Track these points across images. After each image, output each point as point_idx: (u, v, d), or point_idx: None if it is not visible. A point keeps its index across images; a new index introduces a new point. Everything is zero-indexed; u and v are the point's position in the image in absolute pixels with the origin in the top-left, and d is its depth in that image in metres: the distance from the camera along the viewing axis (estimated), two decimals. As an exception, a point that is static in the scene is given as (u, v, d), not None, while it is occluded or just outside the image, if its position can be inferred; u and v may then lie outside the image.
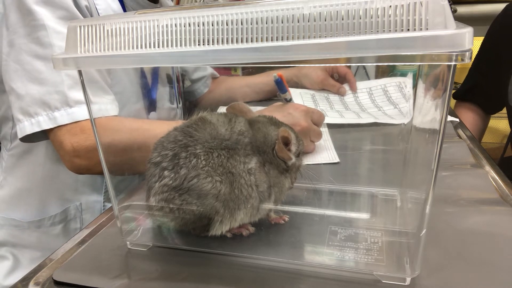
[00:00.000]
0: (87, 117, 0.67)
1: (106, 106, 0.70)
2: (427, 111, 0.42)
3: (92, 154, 0.67)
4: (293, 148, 0.48)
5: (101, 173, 0.74)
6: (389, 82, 0.90)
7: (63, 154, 0.69)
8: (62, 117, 0.67)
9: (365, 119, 0.81)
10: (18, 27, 0.68)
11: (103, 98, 0.71)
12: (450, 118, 0.88)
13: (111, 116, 0.70)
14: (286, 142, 0.48)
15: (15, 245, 0.83)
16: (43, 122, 0.67)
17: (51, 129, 0.68)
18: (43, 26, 0.67)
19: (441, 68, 0.36)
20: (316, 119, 0.73)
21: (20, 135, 0.69)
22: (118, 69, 0.78)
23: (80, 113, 0.67)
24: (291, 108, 0.73)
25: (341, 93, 0.95)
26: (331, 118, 0.84)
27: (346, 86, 0.96)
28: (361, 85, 0.95)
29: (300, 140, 0.51)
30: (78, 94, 0.68)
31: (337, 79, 0.98)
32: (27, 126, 0.68)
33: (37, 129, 0.67)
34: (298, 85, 0.98)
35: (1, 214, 0.83)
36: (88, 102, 0.46)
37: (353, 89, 0.95)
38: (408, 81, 0.84)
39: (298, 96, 0.93)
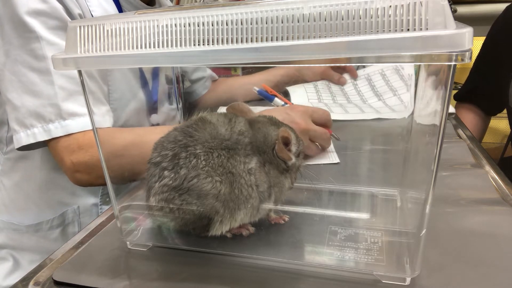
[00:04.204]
0: (81, 129, 0.68)
1: (101, 117, 0.71)
2: (427, 111, 0.42)
3: (91, 169, 0.68)
4: (293, 148, 0.48)
5: (103, 184, 0.75)
6: (386, 66, 0.91)
7: (65, 170, 0.71)
8: (57, 129, 0.68)
9: (368, 114, 0.81)
10: (12, 37, 0.68)
11: (98, 109, 0.72)
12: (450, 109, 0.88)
13: (105, 128, 0.70)
14: (286, 142, 0.48)
15: (14, 248, 0.83)
16: (38, 134, 0.68)
17: (49, 142, 0.69)
18: (37, 38, 0.67)
19: (441, 68, 0.36)
20: (318, 118, 0.70)
21: (16, 146, 0.70)
22: (117, 74, 0.78)
23: (73, 125, 0.68)
24: (289, 108, 0.72)
25: (341, 83, 0.95)
26: (335, 114, 0.84)
27: (346, 76, 0.96)
28: (360, 72, 0.96)
29: (300, 140, 0.51)
30: (72, 107, 0.69)
31: (339, 69, 0.99)
32: (23, 137, 0.69)
33: (32, 141, 0.68)
34: (299, 78, 0.98)
35: (0, 218, 0.83)
36: (88, 105, 0.46)
37: (354, 76, 0.95)
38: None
39: (303, 92, 0.94)
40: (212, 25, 0.36)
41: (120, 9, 0.82)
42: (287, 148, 0.48)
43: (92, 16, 0.75)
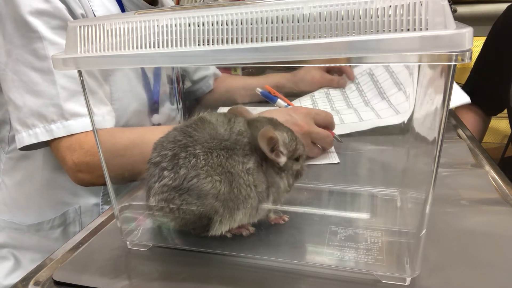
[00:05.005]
0: (83, 129, 0.69)
1: (103, 117, 0.71)
2: (427, 111, 0.42)
3: (93, 169, 0.68)
4: (283, 149, 0.47)
5: (104, 184, 0.75)
6: None
7: (66, 170, 0.71)
8: (59, 129, 0.68)
9: (366, 123, 0.79)
10: (14, 37, 0.68)
11: (100, 109, 0.72)
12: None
13: (107, 128, 0.70)
14: (272, 143, 0.46)
15: (16, 247, 0.83)
16: (40, 134, 0.68)
17: (51, 142, 0.69)
18: (39, 38, 0.67)
19: (441, 68, 0.36)
20: (320, 120, 0.70)
21: (19, 146, 0.70)
22: (118, 74, 0.78)
23: (75, 125, 0.68)
24: (291, 110, 0.72)
25: (341, 86, 0.92)
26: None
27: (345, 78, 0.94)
28: (361, 67, 0.92)
29: (299, 142, 0.50)
30: (74, 107, 0.69)
31: (337, 71, 0.96)
32: (25, 137, 0.69)
33: (34, 141, 0.69)
34: (294, 90, 0.96)
35: (1, 217, 0.84)
36: (89, 106, 0.46)
37: (351, 78, 0.92)
38: None
39: (298, 104, 0.91)
40: (212, 25, 0.36)
41: (123, 9, 0.82)
42: (274, 149, 0.47)
43: (95, 16, 0.75)
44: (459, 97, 0.83)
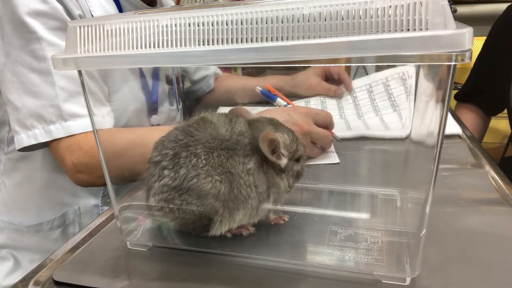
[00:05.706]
0: (82, 130, 0.69)
1: (102, 118, 0.71)
2: (427, 112, 0.42)
3: (93, 169, 0.68)
4: (284, 151, 0.47)
5: (104, 185, 0.75)
6: (391, 74, 0.85)
7: (66, 170, 0.71)
8: (58, 130, 0.68)
9: (352, 132, 0.77)
10: (12, 38, 0.68)
11: (99, 110, 0.72)
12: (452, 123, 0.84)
13: (106, 129, 0.71)
14: (273, 145, 0.46)
15: (15, 248, 0.83)
16: (39, 135, 0.68)
17: (50, 142, 0.69)
18: (37, 39, 0.67)
19: (441, 68, 0.36)
20: (320, 119, 0.70)
21: (18, 147, 0.70)
22: (117, 75, 0.78)
23: (74, 126, 0.68)
24: (291, 109, 0.72)
25: (338, 96, 0.91)
26: None
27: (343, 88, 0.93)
28: (361, 81, 0.90)
29: (300, 143, 0.50)
30: (73, 107, 0.69)
31: (336, 81, 0.95)
32: (24, 138, 0.69)
33: (33, 142, 0.69)
34: (292, 94, 0.95)
35: (1, 218, 0.83)
36: (89, 107, 0.46)
37: (349, 89, 0.91)
38: (411, 70, 0.79)
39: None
40: (212, 25, 0.36)
41: (120, 10, 0.82)
42: (275, 150, 0.47)
43: (93, 16, 0.75)
44: (451, 127, 0.81)
